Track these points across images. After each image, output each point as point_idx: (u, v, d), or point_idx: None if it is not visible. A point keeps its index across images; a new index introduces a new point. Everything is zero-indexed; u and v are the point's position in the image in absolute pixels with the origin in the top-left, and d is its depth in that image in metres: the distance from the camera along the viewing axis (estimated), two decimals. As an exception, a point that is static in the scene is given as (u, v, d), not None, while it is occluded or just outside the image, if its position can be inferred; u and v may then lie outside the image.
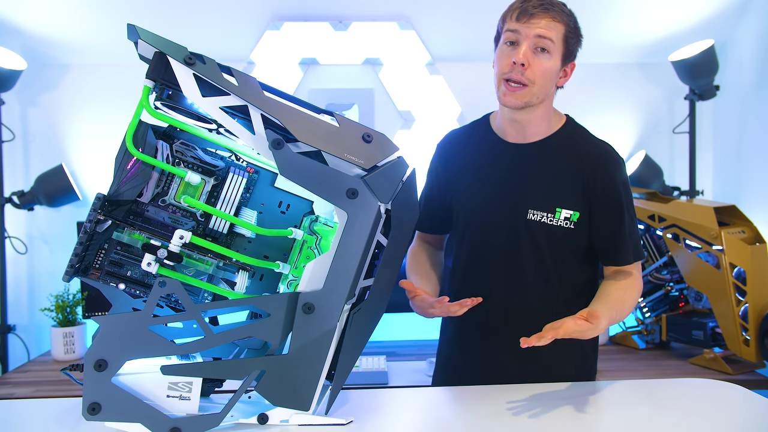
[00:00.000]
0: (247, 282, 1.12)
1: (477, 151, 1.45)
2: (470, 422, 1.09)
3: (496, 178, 1.41)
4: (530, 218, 1.36)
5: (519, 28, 1.29)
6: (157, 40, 0.98)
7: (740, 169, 2.70)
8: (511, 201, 1.38)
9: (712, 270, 2.12)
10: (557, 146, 1.39)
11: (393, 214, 1.04)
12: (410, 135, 2.71)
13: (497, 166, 1.41)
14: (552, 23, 1.28)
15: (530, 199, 1.37)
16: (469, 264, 1.44)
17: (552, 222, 1.36)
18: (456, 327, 1.48)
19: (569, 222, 1.36)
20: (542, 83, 1.31)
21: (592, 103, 2.80)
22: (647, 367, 2.19)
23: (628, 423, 1.10)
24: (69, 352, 2.34)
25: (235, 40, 2.63)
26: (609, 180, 1.35)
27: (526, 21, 1.28)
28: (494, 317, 1.41)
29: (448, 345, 1.51)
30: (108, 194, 1.02)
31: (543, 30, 1.28)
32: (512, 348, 1.38)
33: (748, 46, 2.63)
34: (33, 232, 2.64)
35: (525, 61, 1.28)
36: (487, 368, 1.43)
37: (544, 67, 1.30)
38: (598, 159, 1.36)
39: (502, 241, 1.39)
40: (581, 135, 1.42)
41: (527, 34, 1.28)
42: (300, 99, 1.05)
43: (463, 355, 1.47)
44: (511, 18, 1.31)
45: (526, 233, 1.37)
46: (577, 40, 1.36)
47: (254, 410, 1.04)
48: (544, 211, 1.36)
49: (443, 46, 2.69)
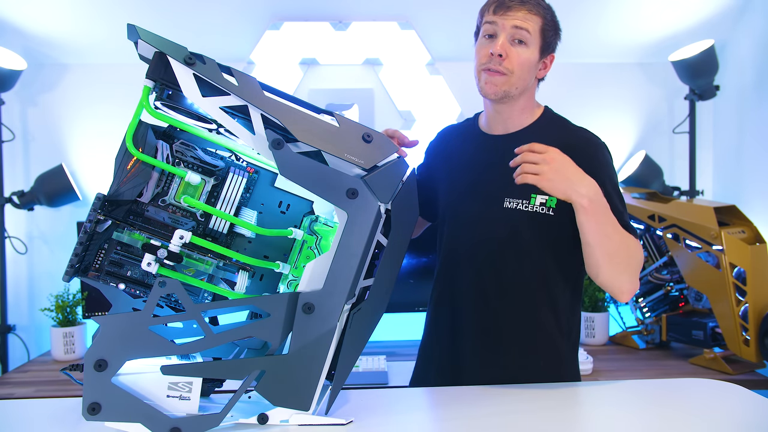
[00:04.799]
0: (247, 282, 1.12)
1: (460, 146, 1.49)
2: (470, 422, 1.09)
3: (476, 170, 1.42)
4: (507, 206, 1.36)
5: (496, 20, 1.32)
6: (157, 40, 0.99)
7: (740, 169, 2.70)
8: (488, 191, 1.39)
9: (712, 270, 2.12)
10: (535, 134, 1.39)
11: (393, 214, 1.04)
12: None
13: (477, 158, 1.44)
14: (528, 15, 1.32)
15: (505, 187, 1.36)
16: (451, 255, 1.44)
17: (528, 208, 1.35)
18: (432, 318, 1.49)
19: (546, 208, 1.34)
20: (520, 73, 1.33)
21: (593, 103, 2.80)
22: (647, 367, 2.19)
23: (628, 423, 1.10)
24: (69, 352, 2.34)
25: (235, 40, 2.63)
26: (589, 164, 1.30)
27: (503, 13, 1.32)
28: (473, 309, 1.39)
29: (432, 339, 1.50)
30: (108, 194, 1.02)
31: (519, 21, 1.31)
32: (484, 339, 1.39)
33: (748, 46, 2.63)
34: (33, 232, 2.64)
35: (502, 51, 1.31)
36: (458, 360, 1.41)
37: (522, 58, 1.33)
38: (576, 146, 1.34)
39: (480, 231, 1.39)
40: (560, 123, 1.43)
41: (504, 25, 1.32)
42: (300, 99, 1.05)
43: (443, 348, 1.45)
44: (489, 11, 1.35)
45: (505, 222, 1.36)
46: (555, 33, 1.38)
47: (254, 410, 1.04)
48: (519, 198, 1.36)
49: (443, 46, 2.69)
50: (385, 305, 1.12)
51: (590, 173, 1.32)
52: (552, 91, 1.48)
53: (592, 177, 1.32)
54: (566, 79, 2.75)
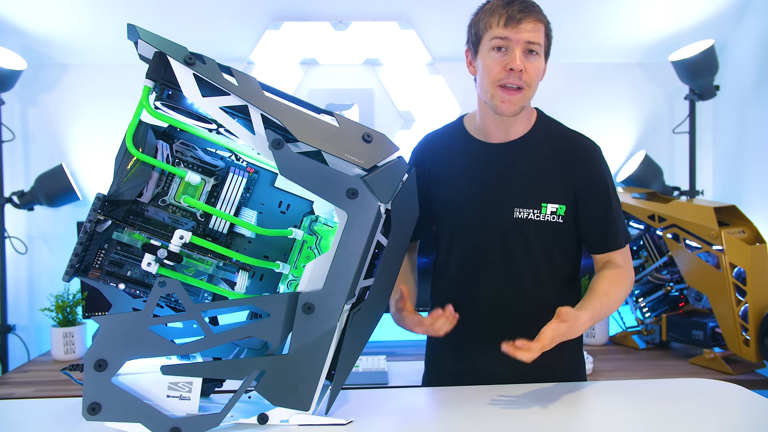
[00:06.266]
0: (247, 282, 1.12)
1: (457, 155, 1.45)
2: (470, 422, 1.09)
3: (481, 180, 1.41)
4: (517, 216, 1.37)
5: (508, 34, 1.28)
6: (157, 40, 0.98)
7: (740, 169, 2.70)
8: (497, 200, 1.39)
9: (712, 270, 2.12)
10: (535, 141, 1.40)
11: (393, 214, 1.04)
12: (410, 135, 2.71)
13: (480, 168, 1.41)
14: (537, 25, 1.30)
15: (515, 196, 1.38)
16: (460, 265, 1.44)
17: (539, 218, 1.37)
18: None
19: (557, 216, 1.37)
20: (535, 85, 1.33)
21: (593, 103, 2.80)
22: (647, 367, 2.19)
23: (628, 423, 1.10)
24: (69, 352, 2.34)
25: (235, 40, 2.63)
26: (592, 169, 1.37)
27: (514, 26, 1.28)
28: (485, 317, 1.41)
29: (440, 346, 1.51)
30: (108, 194, 1.02)
31: (532, 34, 1.29)
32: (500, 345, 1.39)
33: (748, 46, 2.63)
34: (33, 232, 2.64)
35: (522, 66, 1.28)
36: (477, 368, 1.43)
37: (537, 69, 1.32)
38: (576, 151, 1.38)
39: (491, 241, 1.39)
40: (556, 129, 1.44)
41: (518, 39, 1.28)
42: (300, 99, 1.05)
43: (453, 355, 1.47)
44: (497, 25, 1.30)
45: (515, 232, 1.37)
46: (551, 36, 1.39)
47: (254, 410, 1.04)
48: (530, 207, 1.37)
49: (443, 46, 2.69)
50: (385, 305, 1.12)
51: (591, 179, 1.37)
52: (552, 92, 1.48)
53: (593, 182, 1.37)
54: (566, 80, 2.75)
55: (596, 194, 1.37)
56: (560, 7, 1.44)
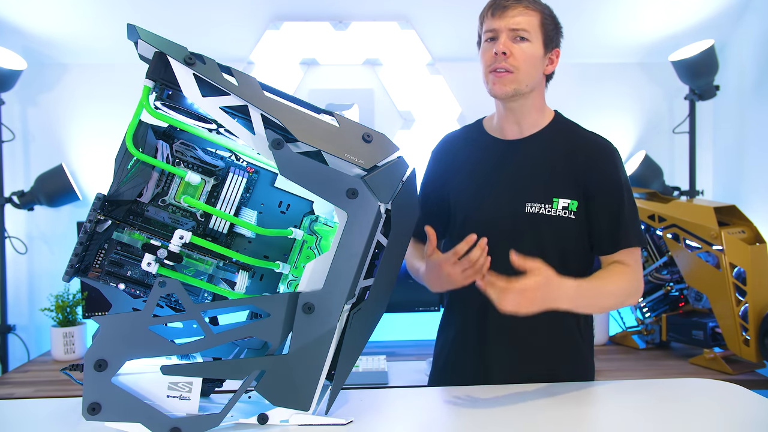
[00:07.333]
0: (247, 282, 1.12)
1: (472, 152, 1.47)
2: (470, 422, 1.09)
3: (493, 175, 1.42)
4: (528, 211, 1.37)
5: (495, 23, 1.35)
6: (157, 40, 0.99)
7: (740, 169, 2.70)
8: (509, 195, 1.39)
9: (712, 270, 2.12)
10: (550, 138, 1.41)
11: (393, 214, 1.04)
12: (410, 135, 2.71)
13: (493, 163, 1.43)
14: (525, 11, 1.34)
15: (527, 191, 1.38)
16: None
17: (551, 213, 1.37)
18: (457, 327, 1.48)
19: (568, 212, 1.37)
20: (527, 69, 1.34)
21: (593, 103, 2.80)
22: (647, 367, 2.19)
23: (628, 423, 1.10)
24: (69, 352, 2.34)
25: (235, 40, 2.63)
26: (605, 166, 1.37)
27: (500, 14, 1.34)
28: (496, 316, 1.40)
29: (449, 345, 1.51)
30: (108, 194, 1.02)
31: (517, 20, 1.33)
32: (513, 348, 1.40)
33: (748, 46, 2.63)
34: (33, 232, 2.64)
35: (506, 49, 1.33)
36: (488, 368, 1.43)
37: (527, 54, 1.34)
38: (593, 149, 1.39)
39: (502, 237, 1.39)
40: (573, 128, 1.45)
41: (503, 26, 1.34)
42: (300, 99, 1.05)
43: (464, 355, 1.47)
44: (487, 16, 1.37)
45: (527, 227, 1.38)
46: (556, 27, 1.40)
47: (254, 410, 1.04)
48: (541, 202, 1.37)
49: (443, 46, 2.69)
50: (385, 305, 1.12)
51: (604, 176, 1.37)
52: (552, 92, 1.48)
53: (606, 179, 1.37)
54: (566, 79, 2.74)
55: (608, 191, 1.37)
56: (560, 7, 1.44)
